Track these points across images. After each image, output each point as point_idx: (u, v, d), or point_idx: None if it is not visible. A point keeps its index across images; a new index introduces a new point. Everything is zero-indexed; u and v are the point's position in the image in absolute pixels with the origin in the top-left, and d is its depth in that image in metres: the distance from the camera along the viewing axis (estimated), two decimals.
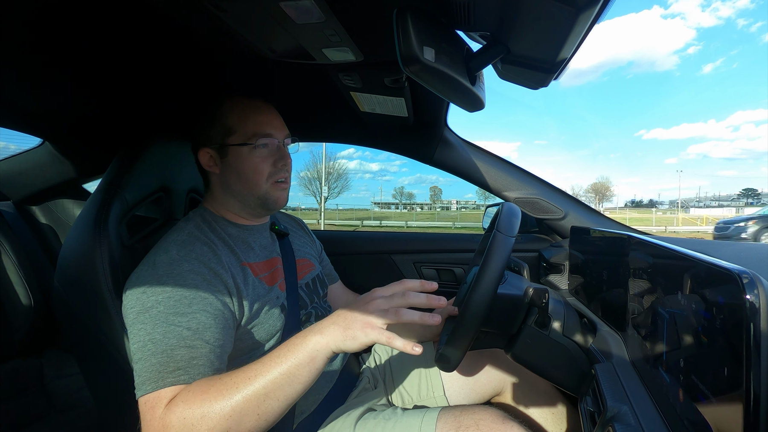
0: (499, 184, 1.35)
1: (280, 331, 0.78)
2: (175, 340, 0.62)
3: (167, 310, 0.63)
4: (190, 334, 0.63)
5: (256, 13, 0.57)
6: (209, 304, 0.67)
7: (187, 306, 0.65)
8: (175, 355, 0.61)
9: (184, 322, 0.63)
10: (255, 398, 0.57)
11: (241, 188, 0.80)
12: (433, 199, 72.62)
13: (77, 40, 0.71)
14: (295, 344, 0.60)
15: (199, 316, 0.65)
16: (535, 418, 0.93)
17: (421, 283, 0.63)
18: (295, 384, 0.59)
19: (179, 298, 0.65)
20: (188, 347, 0.62)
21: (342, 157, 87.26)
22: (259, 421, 0.58)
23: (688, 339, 0.47)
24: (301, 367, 0.58)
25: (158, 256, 0.70)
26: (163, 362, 0.61)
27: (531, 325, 0.76)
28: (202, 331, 0.64)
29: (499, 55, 0.58)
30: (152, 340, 0.62)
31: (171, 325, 0.63)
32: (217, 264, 0.71)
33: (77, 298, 0.80)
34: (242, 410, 0.56)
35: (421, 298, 0.62)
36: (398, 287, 0.63)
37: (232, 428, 0.56)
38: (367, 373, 0.99)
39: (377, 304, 0.60)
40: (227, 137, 0.79)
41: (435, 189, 75.11)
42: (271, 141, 0.80)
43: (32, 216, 1.41)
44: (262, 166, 0.80)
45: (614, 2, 0.43)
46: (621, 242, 0.77)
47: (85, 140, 1.24)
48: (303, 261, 0.95)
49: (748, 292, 0.36)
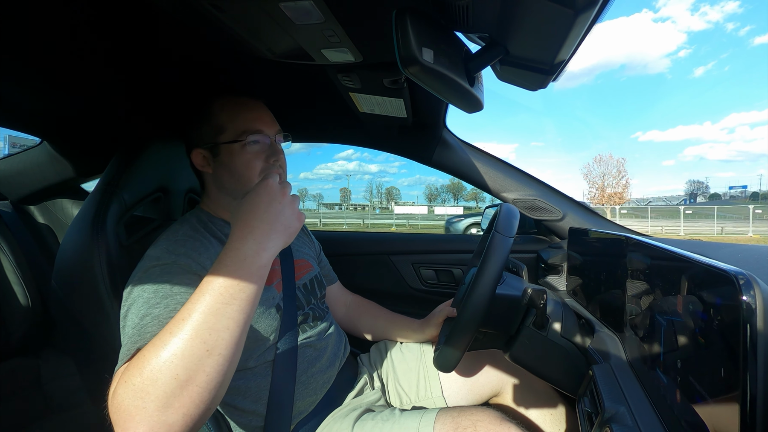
0: (498, 185, 1.35)
1: (275, 331, 0.78)
2: (149, 319, 0.59)
3: (150, 298, 0.61)
4: (166, 314, 0.59)
5: (255, 14, 0.57)
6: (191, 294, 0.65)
7: (169, 291, 0.62)
8: (146, 333, 0.58)
9: (164, 304, 0.61)
10: (196, 335, 0.50)
11: (235, 186, 0.80)
12: (391, 199, 73.89)
13: (76, 39, 0.71)
14: (223, 264, 0.55)
15: (179, 298, 0.62)
16: (533, 419, 0.93)
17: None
18: (237, 301, 0.53)
19: (162, 284, 0.63)
20: (160, 325, 0.57)
21: (341, 158, 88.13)
22: (214, 358, 0.50)
23: (685, 340, 0.48)
24: (235, 285, 0.54)
25: (150, 252, 0.69)
26: (133, 337, 0.58)
27: (529, 326, 0.77)
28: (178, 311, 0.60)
29: (497, 57, 0.58)
30: (132, 326, 0.59)
31: (151, 307, 0.60)
32: (207, 260, 0.70)
33: (75, 298, 0.80)
34: (185, 353, 0.49)
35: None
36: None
37: (180, 376, 0.48)
38: (365, 373, 0.99)
39: (284, 210, 0.61)
40: (218, 136, 0.79)
41: (392, 189, 76.76)
42: (262, 137, 0.80)
43: (30, 216, 1.40)
44: (254, 162, 0.79)
45: (612, 4, 0.44)
46: (619, 243, 0.77)
47: (84, 140, 1.24)
48: (301, 261, 0.95)
49: (744, 293, 0.36)
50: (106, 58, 0.79)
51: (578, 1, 0.41)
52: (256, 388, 0.76)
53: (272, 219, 0.59)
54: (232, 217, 0.60)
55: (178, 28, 0.70)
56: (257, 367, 0.77)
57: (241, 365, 0.75)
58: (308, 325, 0.86)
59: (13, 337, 1.14)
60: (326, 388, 0.85)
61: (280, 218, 0.60)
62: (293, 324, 0.82)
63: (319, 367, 0.84)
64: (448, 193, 73.52)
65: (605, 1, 0.42)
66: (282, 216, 0.61)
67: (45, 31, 0.67)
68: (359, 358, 1.07)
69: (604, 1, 0.41)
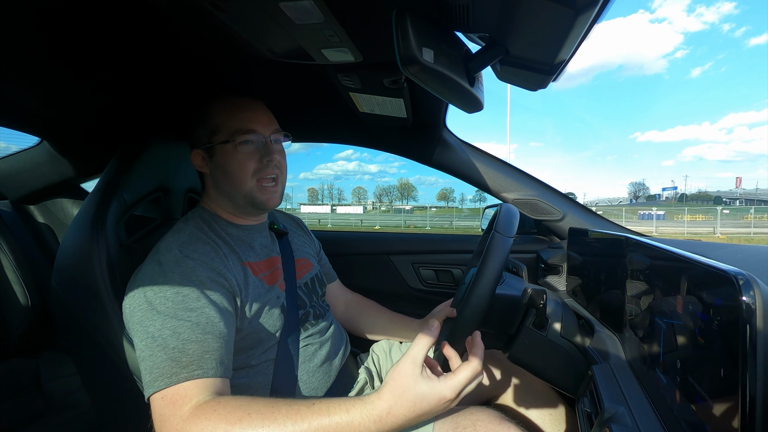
0: (498, 185, 1.35)
1: (279, 330, 0.78)
2: (186, 335, 0.62)
3: (176, 306, 0.64)
4: (200, 329, 0.63)
5: (255, 14, 0.57)
6: (215, 300, 0.67)
7: (196, 300, 0.65)
8: (188, 350, 0.61)
9: (194, 317, 0.63)
10: None
11: (229, 187, 0.80)
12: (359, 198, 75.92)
13: (76, 39, 0.71)
14: (355, 404, 0.57)
15: (207, 311, 0.65)
16: (533, 419, 0.93)
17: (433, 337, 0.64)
18: None
19: (187, 293, 0.65)
20: (199, 342, 0.62)
21: (341, 158, 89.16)
22: None
23: (684, 340, 0.48)
24: (343, 426, 0.55)
25: (162, 256, 0.70)
26: (175, 357, 0.60)
27: (529, 326, 0.76)
28: (211, 325, 0.64)
29: (498, 57, 0.58)
30: (162, 336, 0.61)
31: (180, 320, 0.62)
32: (219, 264, 0.72)
33: (74, 298, 0.80)
34: None
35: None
36: (468, 383, 0.62)
37: None
38: (365, 373, 0.99)
39: (447, 405, 0.61)
40: (213, 136, 0.79)
41: (359, 189, 78.72)
42: (256, 137, 0.80)
43: (30, 215, 1.40)
44: (247, 163, 0.79)
45: (613, 4, 0.44)
46: (618, 244, 0.77)
47: (84, 139, 1.24)
48: (302, 260, 0.95)
49: (744, 293, 0.36)
50: (106, 58, 0.79)
51: (578, 1, 0.41)
52: (258, 386, 0.76)
53: (428, 415, 0.60)
54: (392, 379, 0.59)
55: (178, 28, 0.70)
56: (259, 365, 0.77)
57: (243, 363, 0.75)
58: (309, 323, 0.87)
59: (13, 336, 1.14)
60: (327, 385, 0.85)
61: (433, 413, 0.61)
62: (295, 322, 0.82)
63: (320, 364, 0.84)
64: (396, 192, 75.25)
65: (605, 1, 0.42)
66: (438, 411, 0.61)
67: (45, 31, 0.67)
68: (359, 358, 1.07)
69: (604, 1, 0.41)
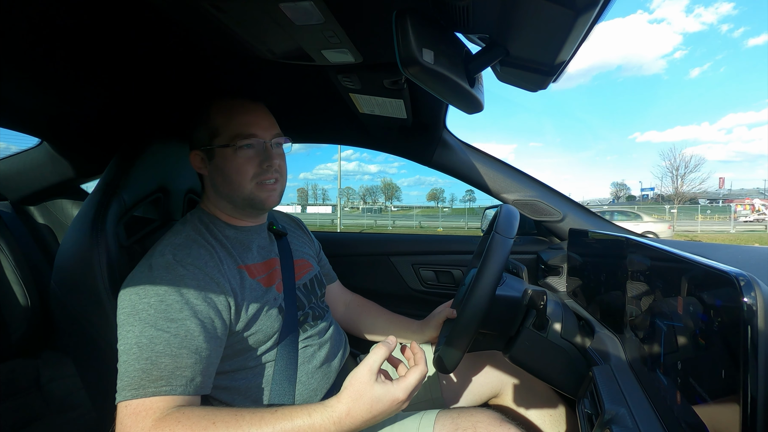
0: (498, 186, 1.35)
1: (277, 332, 0.78)
2: (161, 347, 0.61)
3: (157, 314, 0.63)
4: (177, 342, 0.62)
5: (255, 15, 0.57)
6: (200, 312, 0.66)
7: (178, 311, 0.64)
8: (160, 363, 0.60)
9: (173, 329, 0.63)
10: None
11: (228, 190, 0.80)
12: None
13: (77, 40, 0.71)
14: (316, 408, 0.59)
15: (188, 323, 0.64)
16: (533, 420, 0.93)
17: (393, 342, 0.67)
18: None
19: (171, 302, 0.64)
20: (173, 356, 0.61)
21: (341, 158, 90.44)
22: None
23: (685, 341, 0.47)
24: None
25: (155, 259, 0.69)
26: (146, 369, 0.60)
27: (529, 327, 0.76)
28: (189, 339, 0.63)
29: (498, 58, 0.58)
30: (138, 344, 0.61)
31: (159, 330, 0.62)
32: (214, 269, 0.71)
33: (74, 299, 0.79)
34: None
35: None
36: (417, 385, 0.64)
37: None
38: None
39: (400, 406, 0.63)
40: (213, 139, 0.79)
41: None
42: (256, 141, 0.79)
43: (30, 216, 1.40)
44: (246, 167, 0.78)
45: (613, 4, 0.44)
46: (619, 245, 0.77)
47: (84, 140, 1.24)
48: (301, 261, 0.95)
49: (745, 294, 0.36)
50: (106, 59, 0.79)
51: (578, 2, 0.41)
52: (257, 387, 0.76)
53: (383, 416, 0.62)
54: (351, 384, 0.61)
55: (178, 29, 0.70)
56: (257, 366, 0.76)
57: (242, 365, 0.75)
58: (308, 324, 0.86)
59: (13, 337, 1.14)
60: (327, 386, 0.85)
61: (388, 413, 0.62)
62: (294, 323, 0.82)
63: (320, 365, 0.84)
64: (381, 193, 75.98)
65: (605, 1, 0.42)
66: (392, 411, 0.63)
67: (45, 32, 0.67)
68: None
69: (604, 1, 0.41)
